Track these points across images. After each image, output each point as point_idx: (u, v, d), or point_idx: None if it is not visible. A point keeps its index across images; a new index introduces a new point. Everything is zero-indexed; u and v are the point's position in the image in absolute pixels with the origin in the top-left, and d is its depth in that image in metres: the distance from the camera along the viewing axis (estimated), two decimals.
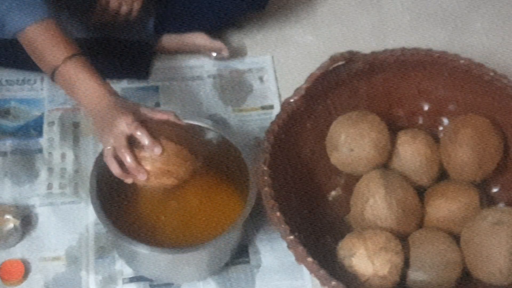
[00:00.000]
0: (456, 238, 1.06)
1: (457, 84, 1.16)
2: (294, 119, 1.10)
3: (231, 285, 1.09)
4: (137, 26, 1.28)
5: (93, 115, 0.97)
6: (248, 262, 1.11)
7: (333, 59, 1.10)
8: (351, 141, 1.11)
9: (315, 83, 1.10)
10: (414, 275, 1.04)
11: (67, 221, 1.13)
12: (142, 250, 0.98)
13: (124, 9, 1.22)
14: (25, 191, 1.16)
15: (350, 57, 1.12)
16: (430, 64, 1.16)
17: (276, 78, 1.33)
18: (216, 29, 1.34)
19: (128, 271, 1.09)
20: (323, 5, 1.46)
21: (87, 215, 1.13)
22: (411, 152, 1.13)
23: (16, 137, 1.21)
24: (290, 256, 1.11)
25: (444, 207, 1.10)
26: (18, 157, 1.19)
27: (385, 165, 1.14)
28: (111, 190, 1.07)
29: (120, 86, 1.29)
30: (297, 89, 1.09)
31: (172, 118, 0.99)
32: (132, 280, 1.08)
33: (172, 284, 1.08)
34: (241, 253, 1.11)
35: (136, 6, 1.23)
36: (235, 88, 1.31)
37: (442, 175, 1.15)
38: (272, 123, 1.08)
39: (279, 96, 1.30)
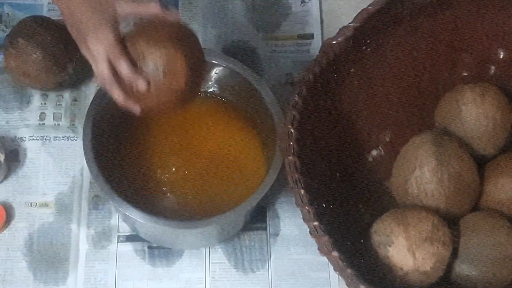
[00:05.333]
0: None
1: None
2: (335, 64, 0.88)
3: (242, 254, 0.93)
4: None
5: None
6: (264, 228, 0.95)
7: None
8: None
9: (367, 21, 0.88)
10: (462, 268, 0.86)
11: (60, 161, 0.97)
12: (135, 217, 0.81)
13: None
14: (13, 120, 0.99)
15: None
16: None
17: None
18: None
19: (126, 228, 0.94)
20: None
21: (83, 155, 0.96)
22: (476, 114, 0.92)
23: None
24: None
25: (508, 187, 0.90)
26: (9, 76, 1.01)
27: (444, 127, 0.94)
28: (110, 135, 0.90)
29: None
30: (343, 29, 0.87)
31: (159, 12, 0.75)
32: (129, 238, 0.93)
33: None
34: (258, 218, 0.95)
35: None
36: (270, 8, 1.08)
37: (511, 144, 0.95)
38: (307, 69, 0.87)
39: (321, 22, 1.08)
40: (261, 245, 0.93)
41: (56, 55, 0.95)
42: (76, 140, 0.98)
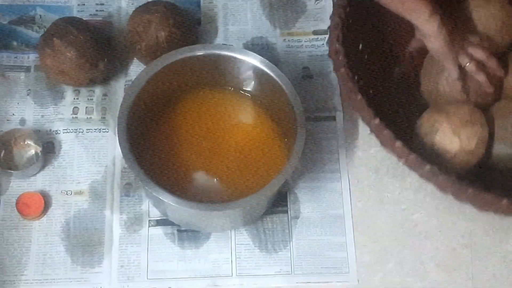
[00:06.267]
0: None
1: None
2: None
3: (265, 236, 0.99)
4: None
5: None
6: (286, 211, 1.01)
7: None
8: None
9: None
10: (499, 147, 0.95)
11: (92, 151, 1.04)
12: (168, 201, 0.88)
13: None
14: (48, 114, 1.06)
15: None
16: None
17: None
18: None
19: (156, 213, 1.00)
20: None
21: (114, 146, 1.03)
22: (485, 17, 1.00)
23: None
24: (331, 209, 1.03)
25: None
26: (43, 74, 1.08)
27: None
28: (141, 126, 0.96)
29: None
30: None
31: None
32: (159, 223, 1.00)
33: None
34: (279, 202, 1.01)
35: None
36: (286, 6, 1.15)
37: None
38: None
39: None
40: (283, 227, 1.00)
41: (88, 54, 1.02)
42: (107, 132, 1.05)
